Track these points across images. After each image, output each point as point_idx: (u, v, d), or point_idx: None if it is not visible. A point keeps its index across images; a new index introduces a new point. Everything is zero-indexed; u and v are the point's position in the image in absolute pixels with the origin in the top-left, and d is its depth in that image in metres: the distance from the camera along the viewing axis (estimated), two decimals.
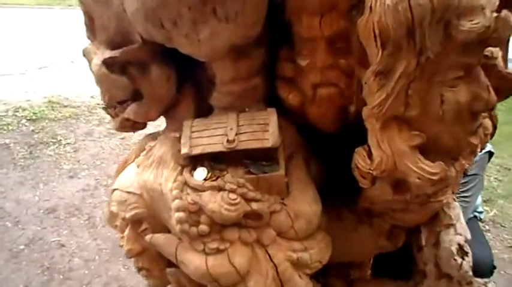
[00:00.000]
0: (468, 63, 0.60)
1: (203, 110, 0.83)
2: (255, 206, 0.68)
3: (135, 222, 0.77)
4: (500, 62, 0.67)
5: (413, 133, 0.63)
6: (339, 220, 0.88)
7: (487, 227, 3.73)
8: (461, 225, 0.78)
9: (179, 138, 0.75)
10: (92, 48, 0.81)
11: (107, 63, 0.73)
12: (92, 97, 4.64)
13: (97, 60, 0.75)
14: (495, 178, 4.79)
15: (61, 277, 2.26)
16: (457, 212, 0.80)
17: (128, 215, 0.76)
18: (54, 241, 2.46)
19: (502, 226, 3.86)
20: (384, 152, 0.64)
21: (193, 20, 0.63)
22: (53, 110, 4.15)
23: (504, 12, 0.57)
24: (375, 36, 0.58)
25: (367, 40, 0.60)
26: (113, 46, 0.75)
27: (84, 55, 0.83)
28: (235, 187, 0.68)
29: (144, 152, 0.78)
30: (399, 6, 0.54)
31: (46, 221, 2.61)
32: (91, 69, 0.80)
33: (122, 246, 0.82)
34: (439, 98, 0.60)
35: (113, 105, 0.88)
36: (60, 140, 3.57)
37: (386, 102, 0.60)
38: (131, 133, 4.30)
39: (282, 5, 0.69)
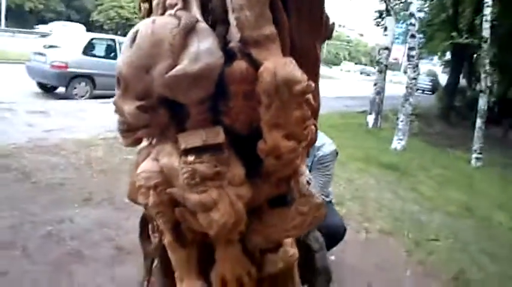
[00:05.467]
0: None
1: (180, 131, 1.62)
2: (218, 168, 1.50)
3: (156, 186, 1.51)
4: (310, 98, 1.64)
5: (283, 132, 1.53)
6: (255, 185, 1.73)
7: None
8: (307, 173, 1.71)
9: (175, 144, 1.54)
10: (119, 100, 1.55)
11: (139, 107, 1.49)
12: None
13: (131, 106, 1.49)
14: (344, 187, 6.23)
15: None
16: (304, 169, 1.73)
17: (152, 182, 1.50)
18: None
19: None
20: (268, 140, 1.53)
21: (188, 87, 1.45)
22: None
23: None
24: None
25: None
26: (138, 98, 1.51)
27: (114, 104, 1.56)
28: (208, 160, 1.49)
29: (155, 152, 1.54)
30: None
31: None
32: (122, 112, 1.53)
33: (145, 205, 1.54)
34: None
35: (128, 131, 1.61)
36: None
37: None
38: (41, 178, 4.60)
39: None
